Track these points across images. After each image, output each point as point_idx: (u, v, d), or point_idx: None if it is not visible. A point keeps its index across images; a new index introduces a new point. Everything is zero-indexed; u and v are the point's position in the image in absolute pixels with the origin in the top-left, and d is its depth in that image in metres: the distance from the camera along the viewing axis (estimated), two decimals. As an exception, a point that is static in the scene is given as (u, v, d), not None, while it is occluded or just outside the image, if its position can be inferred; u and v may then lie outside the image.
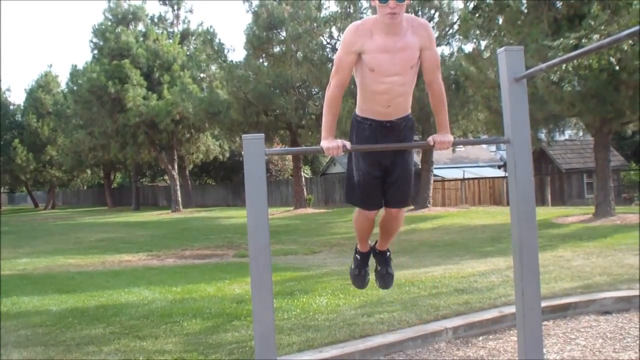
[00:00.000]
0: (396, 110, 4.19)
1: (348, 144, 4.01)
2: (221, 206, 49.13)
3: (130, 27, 47.18)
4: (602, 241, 14.29)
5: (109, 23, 46.50)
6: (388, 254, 5.08)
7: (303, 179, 40.06)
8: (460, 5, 24.40)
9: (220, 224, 30.25)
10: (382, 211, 4.63)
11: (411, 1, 23.60)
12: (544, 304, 6.74)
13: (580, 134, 29.19)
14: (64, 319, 8.49)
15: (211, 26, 62.08)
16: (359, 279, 5.17)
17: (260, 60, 35.21)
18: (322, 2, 31.46)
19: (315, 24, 29.77)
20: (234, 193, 51.33)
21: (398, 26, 3.93)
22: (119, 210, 51.56)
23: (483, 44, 21.87)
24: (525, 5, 19.31)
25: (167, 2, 50.69)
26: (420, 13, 27.71)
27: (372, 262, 5.15)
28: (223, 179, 59.75)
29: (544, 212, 23.03)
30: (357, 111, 4.36)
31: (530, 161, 3.90)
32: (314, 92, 35.21)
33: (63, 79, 63.26)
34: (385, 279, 5.09)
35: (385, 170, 4.36)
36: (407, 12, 3.97)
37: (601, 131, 20.48)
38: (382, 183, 4.41)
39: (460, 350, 6.74)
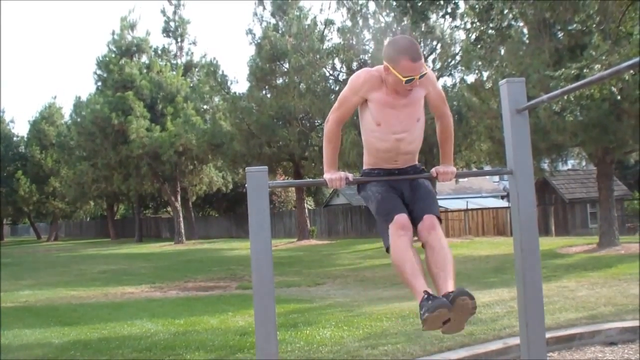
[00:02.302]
0: (404, 163, 4.17)
1: (351, 176, 4.02)
2: (224, 238, 49.07)
3: (134, 59, 47.43)
4: (606, 271, 14.24)
5: (113, 55, 46.74)
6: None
7: (306, 210, 40.07)
8: (462, 36, 24.56)
9: (223, 256, 30.19)
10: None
11: (413, 32, 23.73)
12: (548, 335, 6.71)
13: (583, 163, 29.23)
14: (66, 351, 8.45)
15: (214, 58, 62.25)
16: (435, 302, 3.46)
17: (263, 91, 35.40)
18: (324, 33, 31.67)
19: (318, 56, 29.94)
20: (237, 224, 51.30)
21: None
22: (121, 242, 51.51)
23: (485, 74, 21.97)
24: (527, 36, 19.43)
25: (170, 34, 51.03)
26: (422, 44, 27.86)
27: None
28: (226, 210, 59.72)
29: (548, 242, 22.97)
30: (365, 166, 4.31)
31: (532, 191, 3.91)
32: (317, 124, 35.32)
33: (67, 111, 63.30)
34: (461, 289, 3.59)
35: (402, 192, 4.12)
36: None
37: (604, 161, 20.51)
38: (405, 205, 4.04)
39: (465, 382, 6.69)
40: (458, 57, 27.56)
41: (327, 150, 4.15)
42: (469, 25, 21.22)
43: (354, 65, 28.97)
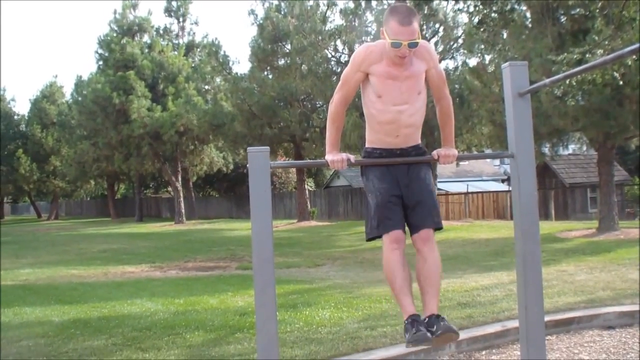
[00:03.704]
0: (405, 141, 4.14)
1: (352, 158, 4.02)
2: (224, 218, 49.12)
3: (136, 38, 47.33)
4: (605, 256, 14.26)
5: (115, 34, 46.64)
6: (442, 317, 3.87)
7: (307, 191, 40.07)
8: (465, 19, 24.45)
9: (223, 236, 30.24)
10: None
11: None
12: (547, 318, 6.74)
13: (584, 148, 29.22)
14: (66, 330, 8.48)
15: (216, 38, 62.35)
16: (419, 335, 3.71)
17: (265, 72, 35.31)
18: (327, 15, 31.55)
19: (320, 37, 29.84)
20: (238, 205, 51.33)
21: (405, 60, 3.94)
22: (122, 222, 51.57)
23: (487, 58, 21.92)
24: (530, 20, 19.36)
25: (172, 14, 50.90)
26: (425, 27, 27.76)
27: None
28: (227, 191, 59.74)
29: (548, 227, 23.00)
30: (367, 144, 4.30)
31: (533, 175, 3.91)
32: (319, 105, 35.28)
33: (68, 90, 63.35)
34: (447, 325, 3.80)
35: (403, 188, 4.10)
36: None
37: (605, 146, 20.50)
38: (404, 207, 4.08)
39: (463, 364, 6.72)
40: (460, 40, 27.48)
41: (331, 130, 4.15)
42: (472, 9, 21.14)
43: (356, 47, 28.82)
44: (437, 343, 3.84)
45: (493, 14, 19.88)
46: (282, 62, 34.58)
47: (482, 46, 20.86)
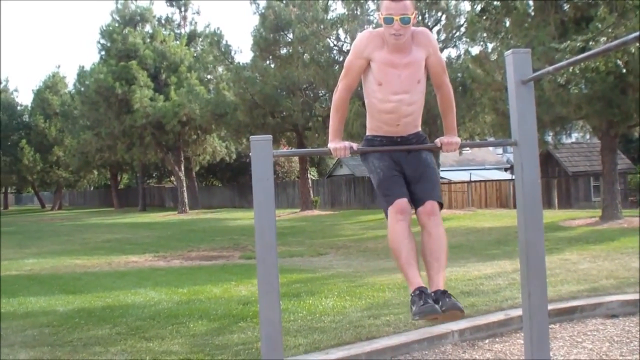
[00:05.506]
0: (405, 129, 4.15)
1: (355, 145, 4.02)
2: (227, 207, 49.18)
3: (138, 28, 47.27)
4: (608, 244, 14.26)
5: (117, 24, 46.61)
6: (447, 292, 3.79)
7: (309, 180, 40.06)
8: (468, 7, 24.39)
9: (226, 226, 30.28)
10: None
11: (418, 3, 23.60)
12: (550, 307, 6.73)
13: (587, 136, 29.16)
14: (70, 319, 8.50)
15: (218, 28, 62.48)
16: (426, 307, 3.64)
17: (267, 62, 35.24)
18: (329, 4, 31.50)
19: (322, 26, 29.80)
20: (240, 194, 51.37)
21: (403, 44, 3.94)
22: (125, 211, 51.64)
23: (490, 46, 21.86)
24: (532, 7, 19.30)
25: (174, 3, 50.82)
26: (427, 15, 27.71)
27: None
28: (229, 180, 59.79)
29: (551, 215, 22.99)
30: (368, 132, 4.31)
31: (537, 164, 3.90)
32: (321, 94, 35.21)
33: (70, 80, 63.46)
34: (453, 302, 3.73)
35: (404, 170, 4.11)
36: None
37: (608, 134, 20.46)
38: (406, 183, 4.07)
39: (467, 353, 6.72)
40: (463, 29, 27.40)
41: (334, 119, 4.15)
42: (474, -4, 21.09)
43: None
44: (442, 318, 3.76)
45: (495, 2, 19.83)
46: (284, 51, 34.52)
47: (485, 34, 20.82)
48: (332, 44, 31.02)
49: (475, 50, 25.27)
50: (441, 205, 4.08)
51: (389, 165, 4.10)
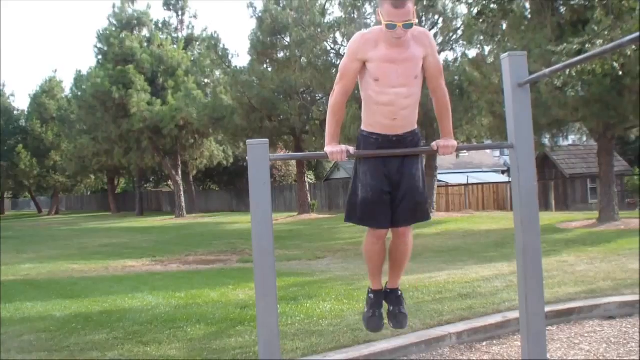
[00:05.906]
0: (402, 124, 4.15)
1: (352, 149, 4.02)
2: (225, 211, 49.14)
3: (135, 32, 47.31)
4: (605, 246, 14.28)
5: (114, 28, 46.63)
6: (400, 292, 4.64)
7: (307, 184, 40.09)
8: (464, 10, 24.42)
9: (223, 230, 30.26)
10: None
11: (415, 6, 23.58)
12: (547, 309, 6.74)
13: (584, 139, 29.18)
14: (67, 324, 8.48)
15: (215, 32, 62.38)
16: (374, 320, 4.56)
17: (265, 65, 35.29)
18: (326, 7, 31.51)
19: (319, 30, 29.81)
20: (238, 198, 51.36)
21: (403, 41, 3.94)
22: (122, 216, 51.60)
23: (487, 49, 21.91)
24: (529, 10, 19.33)
25: (171, 7, 50.83)
26: (424, 19, 27.73)
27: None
28: (227, 184, 59.78)
29: (548, 217, 23.01)
30: (363, 126, 4.31)
31: (533, 166, 3.91)
32: (318, 98, 35.26)
33: (67, 85, 63.21)
34: (399, 319, 4.58)
35: (393, 184, 4.18)
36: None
37: (605, 136, 20.49)
38: (391, 199, 4.20)
39: (464, 355, 6.73)
40: (460, 32, 27.44)
41: (331, 122, 4.14)
42: (471, 0, 21.10)
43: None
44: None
45: (492, 5, 19.84)
46: (281, 54, 34.55)
47: (482, 37, 20.86)
48: (329, 48, 31.04)
49: (472, 53, 25.34)
50: (427, 219, 4.45)
51: (380, 188, 4.16)
